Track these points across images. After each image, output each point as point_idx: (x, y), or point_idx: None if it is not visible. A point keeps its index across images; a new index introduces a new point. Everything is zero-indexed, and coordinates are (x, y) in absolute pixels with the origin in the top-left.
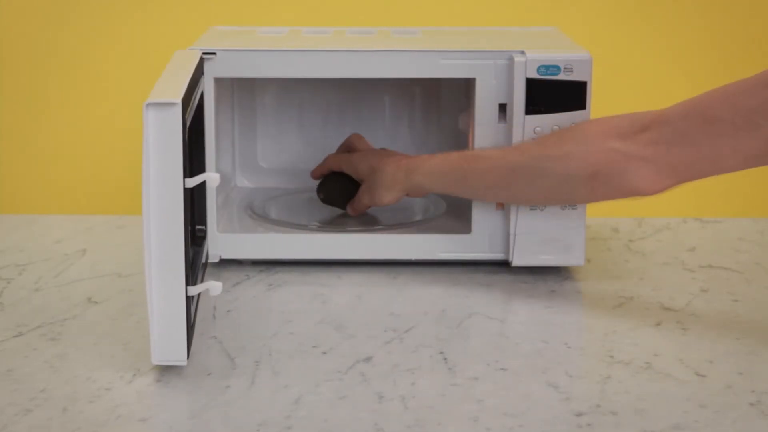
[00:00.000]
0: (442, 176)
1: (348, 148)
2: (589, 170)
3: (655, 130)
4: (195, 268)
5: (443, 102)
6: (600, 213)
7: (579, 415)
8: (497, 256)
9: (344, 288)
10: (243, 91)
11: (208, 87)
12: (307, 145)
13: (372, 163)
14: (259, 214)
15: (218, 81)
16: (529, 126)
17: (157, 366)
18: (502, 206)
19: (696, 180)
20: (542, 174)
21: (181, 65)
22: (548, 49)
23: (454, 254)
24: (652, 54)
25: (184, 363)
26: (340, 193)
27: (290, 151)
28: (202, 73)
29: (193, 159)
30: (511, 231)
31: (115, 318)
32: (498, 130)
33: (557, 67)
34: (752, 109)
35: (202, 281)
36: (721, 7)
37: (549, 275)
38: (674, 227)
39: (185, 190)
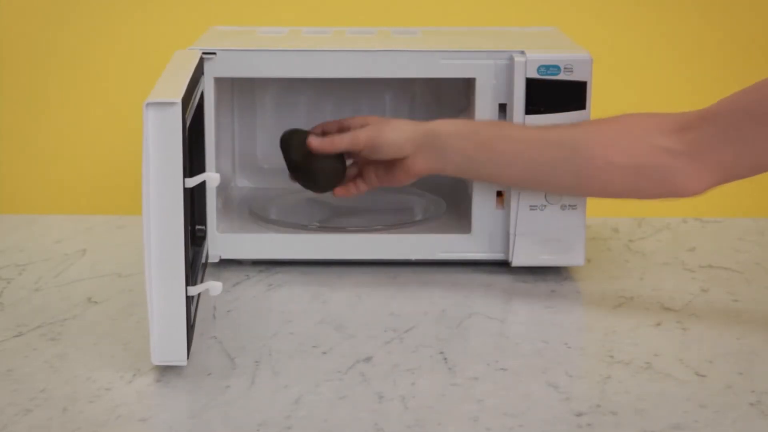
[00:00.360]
0: (470, 132)
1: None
2: (633, 162)
3: (701, 128)
4: (195, 268)
5: (443, 102)
6: (600, 213)
7: (579, 415)
8: (497, 256)
9: (344, 288)
10: (243, 91)
11: (208, 87)
12: None
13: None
14: (259, 214)
15: (218, 81)
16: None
17: (157, 366)
18: (503, 205)
19: (739, 179)
20: (581, 155)
21: (181, 65)
22: (548, 49)
23: (454, 254)
24: (652, 54)
25: (184, 363)
26: (325, 169)
27: None
28: (202, 73)
29: (193, 159)
30: (511, 231)
31: (115, 318)
32: None
33: (557, 67)
34: None
35: (202, 281)
36: (721, 7)
37: (549, 275)
38: (674, 227)
39: (185, 190)
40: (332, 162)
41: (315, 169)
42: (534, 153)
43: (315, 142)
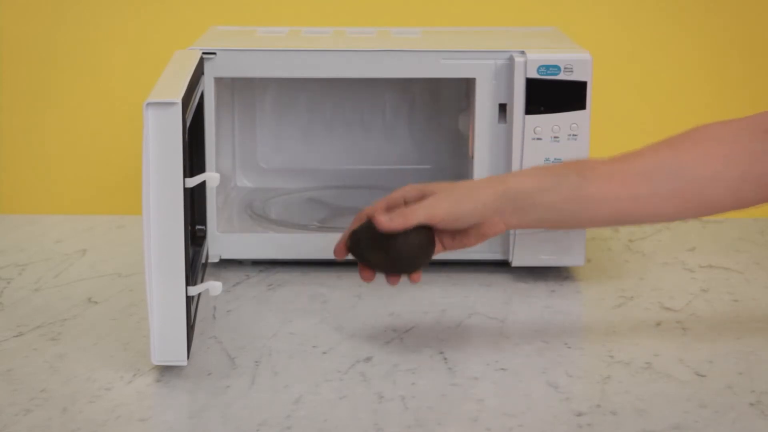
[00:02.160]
0: (553, 183)
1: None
2: (738, 170)
3: None
4: (195, 268)
5: (443, 102)
6: None
7: (579, 415)
8: (497, 256)
9: (344, 288)
10: (243, 91)
11: (208, 87)
12: (307, 145)
13: (455, 182)
14: (259, 214)
15: (218, 81)
16: (530, 126)
17: (157, 366)
18: None
19: None
20: (680, 178)
21: (181, 65)
22: (548, 49)
23: (454, 254)
24: (652, 54)
25: (184, 363)
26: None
27: (290, 151)
28: (202, 73)
29: (193, 159)
30: (511, 231)
31: (115, 318)
32: (498, 130)
33: (557, 67)
34: None
35: (202, 281)
36: (721, 7)
37: (549, 275)
38: (674, 227)
39: (185, 190)
40: (417, 235)
41: (401, 248)
42: (628, 189)
43: (385, 221)
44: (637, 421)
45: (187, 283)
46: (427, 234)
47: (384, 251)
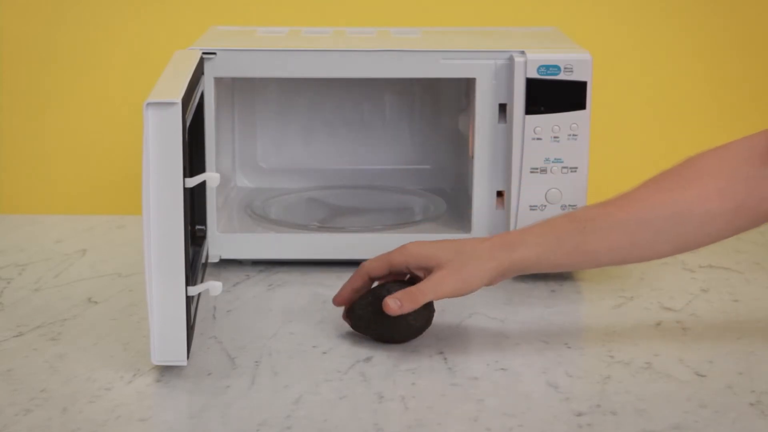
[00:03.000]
0: (554, 244)
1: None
2: (733, 204)
3: None
4: (195, 268)
5: (443, 102)
6: None
7: (579, 415)
8: None
9: None
10: (243, 91)
11: (208, 87)
12: (307, 145)
13: (458, 245)
14: (259, 214)
15: (218, 81)
16: (529, 126)
17: (157, 366)
18: (503, 205)
19: None
20: (679, 220)
21: (181, 65)
22: (548, 49)
23: None
24: (652, 54)
25: (184, 363)
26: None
27: (290, 151)
28: (202, 73)
29: (193, 159)
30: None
31: (115, 318)
32: (498, 130)
33: (557, 67)
34: None
35: (202, 281)
36: (721, 7)
37: (549, 275)
38: None
39: (185, 190)
40: (420, 318)
41: (405, 332)
42: (628, 239)
43: (395, 307)
44: (637, 421)
45: (187, 283)
46: (429, 312)
47: (387, 331)
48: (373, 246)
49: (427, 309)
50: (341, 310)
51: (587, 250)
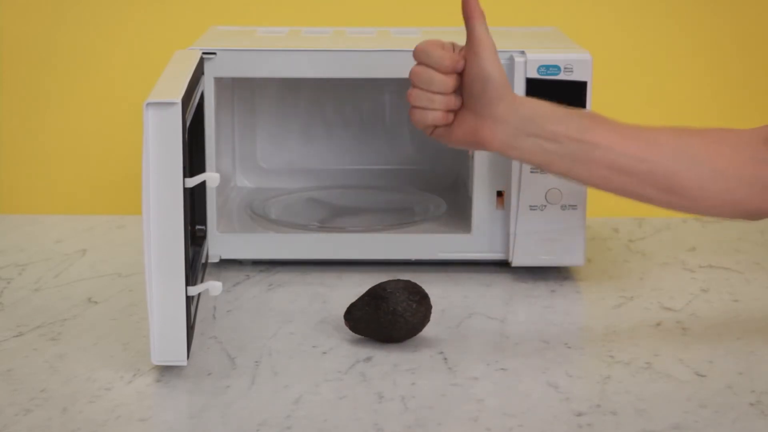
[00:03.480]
0: (561, 112)
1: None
2: (735, 171)
3: None
4: (195, 268)
5: None
6: (600, 213)
7: (579, 415)
8: (497, 256)
9: (344, 288)
10: (243, 91)
11: (208, 87)
12: (307, 145)
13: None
14: (259, 214)
15: (218, 81)
16: None
17: (157, 366)
18: (503, 205)
19: None
20: (684, 159)
21: (181, 65)
22: (548, 49)
23: (454, 254)
24: (652, 54)
25: (184, 363)
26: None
27: (290, 151)
28: (202, 73)
29: (193, 159)
30: (511, 231)
31: (115, 318)
32: None
33: (557, 67)
34: None
35: (202, 281)
36: (721, 7)
37: (549, 275)
38: (674, 227)
39: (185, 190)
40: (417, 321)
41: (402, 335)
42: (634, 148)
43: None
44: (637, 421)
45: (187, 283)
46: (425, 310)
47: (386, 330)
48: (373, 246)
49: (424, 306)
50: (341, 310)
51: (590, 140)
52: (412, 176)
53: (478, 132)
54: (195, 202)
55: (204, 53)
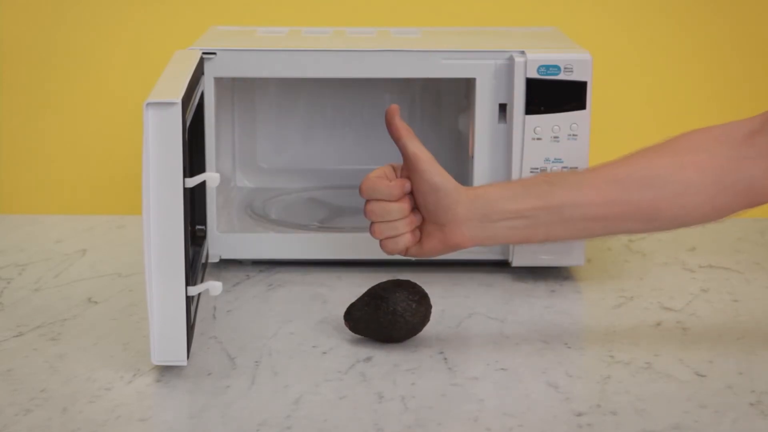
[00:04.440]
0: (519, 189)
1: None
2: (712, 178)
3: None
4: (195, 268)
5: (443, 102)
6: None
7: (579, 415)
8: (497, 256)
9: (344, 288)
10: (243, 91)
11: (208, 87)
12: (307, 145)
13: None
14: (259, 214)
15: (218, 81)
16: (530, 126)
17: (157, 366)
18: None
19: None
20: (652, 183)
21: (181, 65)
22: (548, 49)
23: (454, 254)
24: (652, 54)
25: (184, 363)
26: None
27: (290, 151)
28: (202, 73)
29: (193, 159)
30: None
31: (115, 318)
32: (498, 130)
33: (557, 67)
34: None
35: (202, 281)
36: (721, 7)
37: (549, 275)
38: None
39: (185, 190)
40: (417, 321)
41: (402, 337)
42: (601, 195)
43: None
44: (637, 421)
45: (187, 283)
46: (425, 309)
47: (386, 330)
48: (373, 246)
49: (424, 306)
50: (341, 310)
51: (555, 204)
52: None
53: (448, 238)
54: (195, 202)
55: (204, 53)
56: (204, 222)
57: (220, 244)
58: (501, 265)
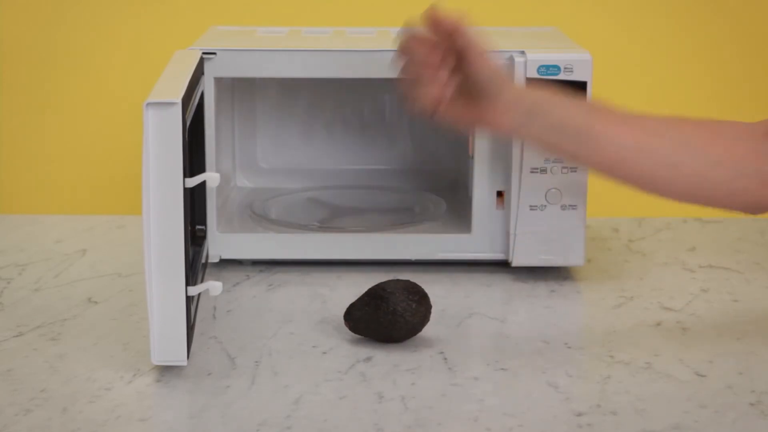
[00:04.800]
0: (567, 102)
1: None
2: (735, 162)
3: None
4: (195, 268)
5: None
6: (600, 213)
7: (579, 415)
8: (497, 256)
9: (344, 288)
10: (243, 91)
11: (208, 87)
12: (307, 145)
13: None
14: (259, 214)
15: (218, 81)
16: None
17: (157, 366)
18: (503, 205)
19: None
20: (684, 148)
21: (181, 65)
22: (548, 49)
23: (454, 254)
24: (652, 54)
25: (184, 363)
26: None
27: (290, 151)
28: (202, 73)
29: (193, 159)
30: (511, 231)
31: (115, 318)
32: None
33: (557, 67)
34: None
35: (202, 281)
36: (721, 7)
37: (549, 275)
38: (674, 227)
39: (185, 190)
40: (416, 321)
41: (402, 337)
42: (635, 137)
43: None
44: (637, 421)
45: (187, 283)
46: (425, 309)
47: (386, 330)
48: (373, 246)
49: (424, 306)
50: (341, 310)
51: (594, 132)
52: (412, 176)
53: (485, 112)
54: (195, 202)
55: (204, 53)
56: (204, 222)
57: (220, 244)
58: (501, 265)
